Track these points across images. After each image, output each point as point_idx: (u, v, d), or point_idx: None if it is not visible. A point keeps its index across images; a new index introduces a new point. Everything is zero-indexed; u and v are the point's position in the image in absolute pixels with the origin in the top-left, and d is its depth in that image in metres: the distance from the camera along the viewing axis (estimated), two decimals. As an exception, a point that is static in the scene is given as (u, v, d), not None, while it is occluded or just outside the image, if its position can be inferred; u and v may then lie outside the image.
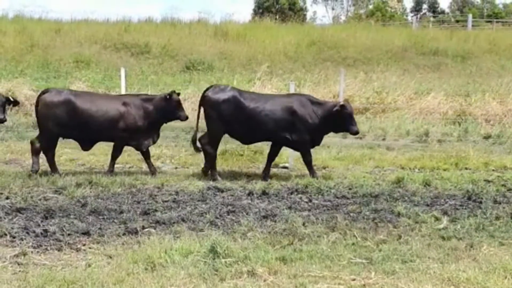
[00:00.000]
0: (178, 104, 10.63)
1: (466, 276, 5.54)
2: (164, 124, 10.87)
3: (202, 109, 10.48)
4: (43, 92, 10.51)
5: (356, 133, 10.68)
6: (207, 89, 10.66)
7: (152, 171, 10.42)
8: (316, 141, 10.66)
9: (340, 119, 10.33)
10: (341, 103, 10.50)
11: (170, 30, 28.17)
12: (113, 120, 10.23)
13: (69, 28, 26.91)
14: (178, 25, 29.94)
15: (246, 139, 10.69)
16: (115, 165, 10.52)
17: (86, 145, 10.56)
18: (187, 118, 10.72)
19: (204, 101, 10.46)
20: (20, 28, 25.65)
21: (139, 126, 10.36)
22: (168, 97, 10.55)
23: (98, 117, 10.17)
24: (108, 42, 25.43)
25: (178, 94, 10.78)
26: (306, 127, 10.34)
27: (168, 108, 10.53)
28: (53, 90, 10.61)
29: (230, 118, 10.27)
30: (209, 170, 10.42)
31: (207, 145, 10.43)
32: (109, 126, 10.20)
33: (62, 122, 10.10)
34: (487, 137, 15.40)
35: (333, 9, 71.54)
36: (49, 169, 10.18)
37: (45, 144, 10.23)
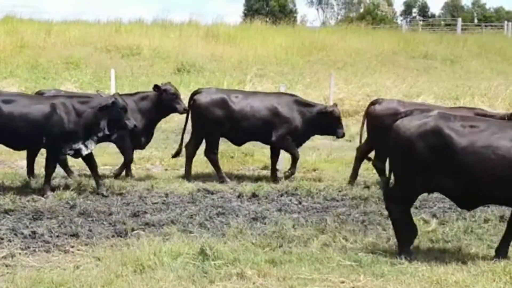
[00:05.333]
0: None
1: (455, 279, 5.57)
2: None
3: None
4: (373, 103, 10.27)
5: None
6: None
7: None
8: None
9: None
10: None
11: (161, 31, 28.10)
12: None
13: (60, 29, 26.77)
14: (169, 26, 29.87)
15: None
16: (107, 167, 10.44)
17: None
18: None
19: None
20: (10, 28, 25.50)
21: None
22: None
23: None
24: (98, 43, 25.33)
25: None
26: None
27: None
28: (382, 101, 10.27)
29: None
30: None
31: None
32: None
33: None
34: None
35: (323, 12, 71.73)
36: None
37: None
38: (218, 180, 10.09)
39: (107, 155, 11.48)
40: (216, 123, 10.17)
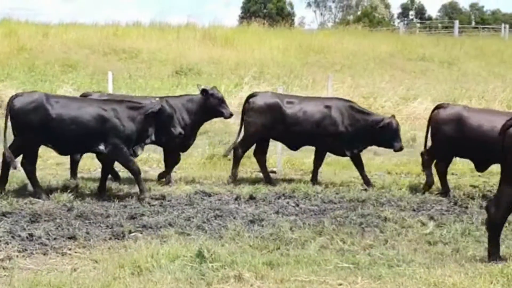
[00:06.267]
0: None
1: (452, 281, 5.56)
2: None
3: None
4: (437, 107, 10.09)
5: None
6: None
7: None
8: None
9: None
10: None
11: (158, 34, 28.11)
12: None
13: (57, 31, 26.75)
14: (166, 29, 29.89)
15: None
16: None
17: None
18: None
19: None
20: (7, 31, 25.45)
21: None
22: None
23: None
24: (96, 46, 25.31)
25: None
26: None
27: None
28: (447, 105, 10.11)
29: None
30: None
31: None
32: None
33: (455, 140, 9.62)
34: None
35: (321, 14, 71.85)
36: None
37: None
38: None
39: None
40: (268, 127, 10.25)
